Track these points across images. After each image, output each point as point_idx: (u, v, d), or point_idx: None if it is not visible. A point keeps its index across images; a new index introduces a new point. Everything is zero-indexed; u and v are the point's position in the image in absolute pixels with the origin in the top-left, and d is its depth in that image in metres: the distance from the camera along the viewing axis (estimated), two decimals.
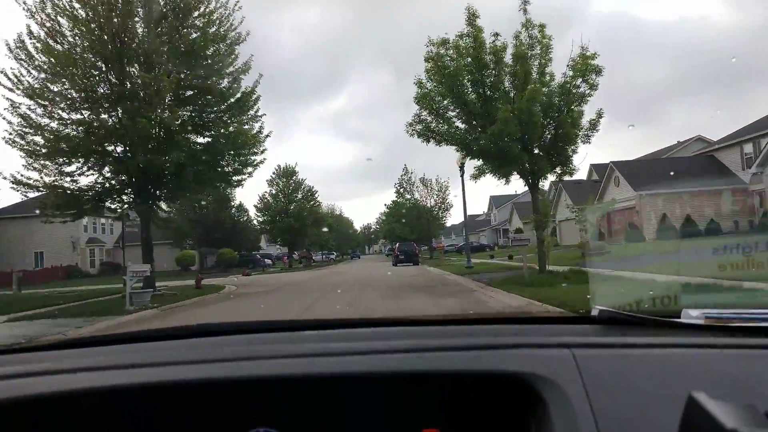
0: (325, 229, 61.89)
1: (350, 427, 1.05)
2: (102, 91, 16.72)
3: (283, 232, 51.33)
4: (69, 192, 16.97)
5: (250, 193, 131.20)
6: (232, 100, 18.40)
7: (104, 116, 16.84)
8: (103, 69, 16.55)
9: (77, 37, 16.22)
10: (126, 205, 18.70)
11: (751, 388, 0.88)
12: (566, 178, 16.80)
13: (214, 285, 21.49)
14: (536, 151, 15.15)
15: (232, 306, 14.77)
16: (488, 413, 1.03)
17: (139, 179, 16.84)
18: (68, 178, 17.14)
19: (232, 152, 18.54)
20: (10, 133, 16.21)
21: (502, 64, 14.83)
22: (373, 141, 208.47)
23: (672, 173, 32.07)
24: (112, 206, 18.71)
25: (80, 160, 16.77)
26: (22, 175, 16.58)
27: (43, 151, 16.27)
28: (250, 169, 19.79)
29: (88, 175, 17.27)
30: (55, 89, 16.02)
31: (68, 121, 16.48)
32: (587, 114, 15.01)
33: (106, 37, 16.13)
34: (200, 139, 18.69)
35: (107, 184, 17.56)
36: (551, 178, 16.48)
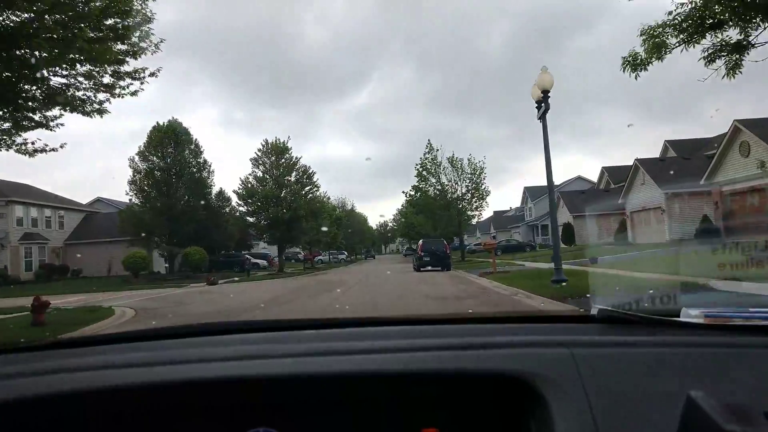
0: (324, 228, 52.99)
1: (350, 427, 1.11)
2: None
3: (269, 226, 43.13)
4: None
5: (233, 177, 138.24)
6: None
7: None
8: None
9: None
10: None
11: (751, 387, 0.94)
12: None
13: (99, 309, 14.69)
14: None
15: None
16: (488, 413, 1.09)
17: None
18: None
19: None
20: None
21: None
22: (394, 139, 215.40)
23: None
24: None
25: None
26: None
27: None
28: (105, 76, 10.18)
29: None
30: None
31: None
32: None
33: None
34: None
35: None
36: None
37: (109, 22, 9.27)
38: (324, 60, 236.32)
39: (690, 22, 6.81)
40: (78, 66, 9.73)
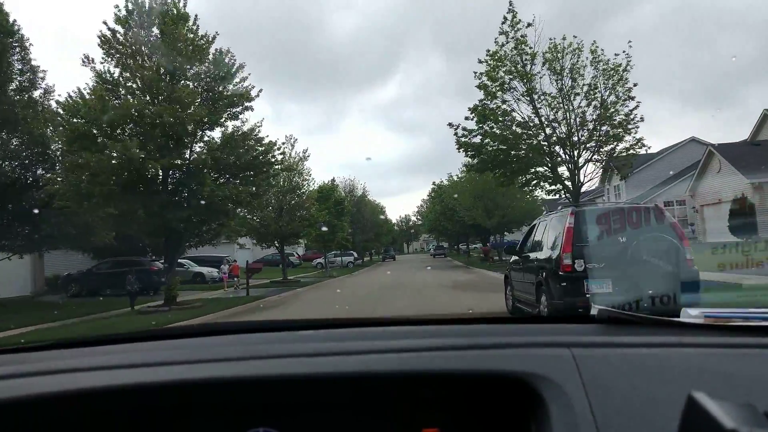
0: (324, 228, 34.11)
1: (350, 427, 1.20)
2: None
3: (120, 191, 16.81)
4: None
5: None
6: None
7: None
8: None
9: None
10: None
11: (751, 387, 1.00)
12: None
13: None
14: None
15: None
16: (488, 413, 1.16)
17: None
18: None
19: None
20: None
21: None
22: (422, 133, 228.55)
23: None
24: None
25: None
26: None
27: None
28: None
29: None
30: None
31: None
32: None
33: None
34: None
35: None
36: None
37: None
38: (349, 50, 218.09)
39: None
40: None
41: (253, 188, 20.70)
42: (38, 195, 19.30)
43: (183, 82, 19.02)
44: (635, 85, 21.16)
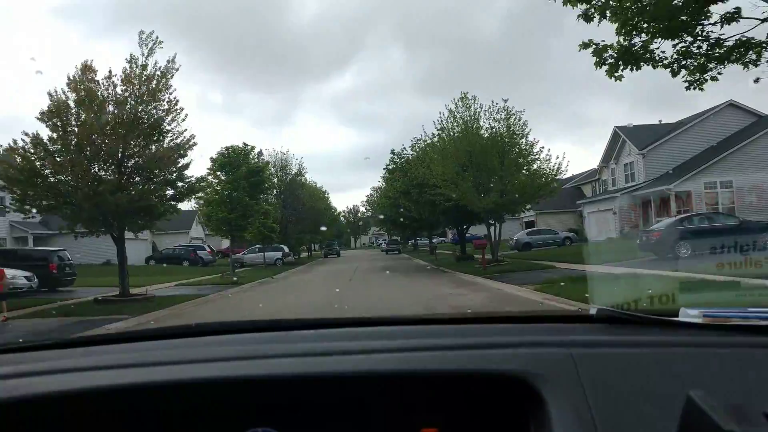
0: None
1: (350, 427, 1.21)
2: None
3: None
4: None
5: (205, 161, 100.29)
6: None
7: None
8: None
9: None
10: None
11: (750, 387, 1.00)
12: None
13: None
14: None
15: None
16: (487, 413, 1.17)
17: None
18: None
19: None
20: None
21: None
22: (378, 127, 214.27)
23: None
24: None
25: None
26: None
27: None
28: None
29: None
30: None
31: None
32: None
33: None
34: None
35: None
36: None
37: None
38: (307, 36, 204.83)
39: None
40: None
41: None
42: None
43: None
44: None
